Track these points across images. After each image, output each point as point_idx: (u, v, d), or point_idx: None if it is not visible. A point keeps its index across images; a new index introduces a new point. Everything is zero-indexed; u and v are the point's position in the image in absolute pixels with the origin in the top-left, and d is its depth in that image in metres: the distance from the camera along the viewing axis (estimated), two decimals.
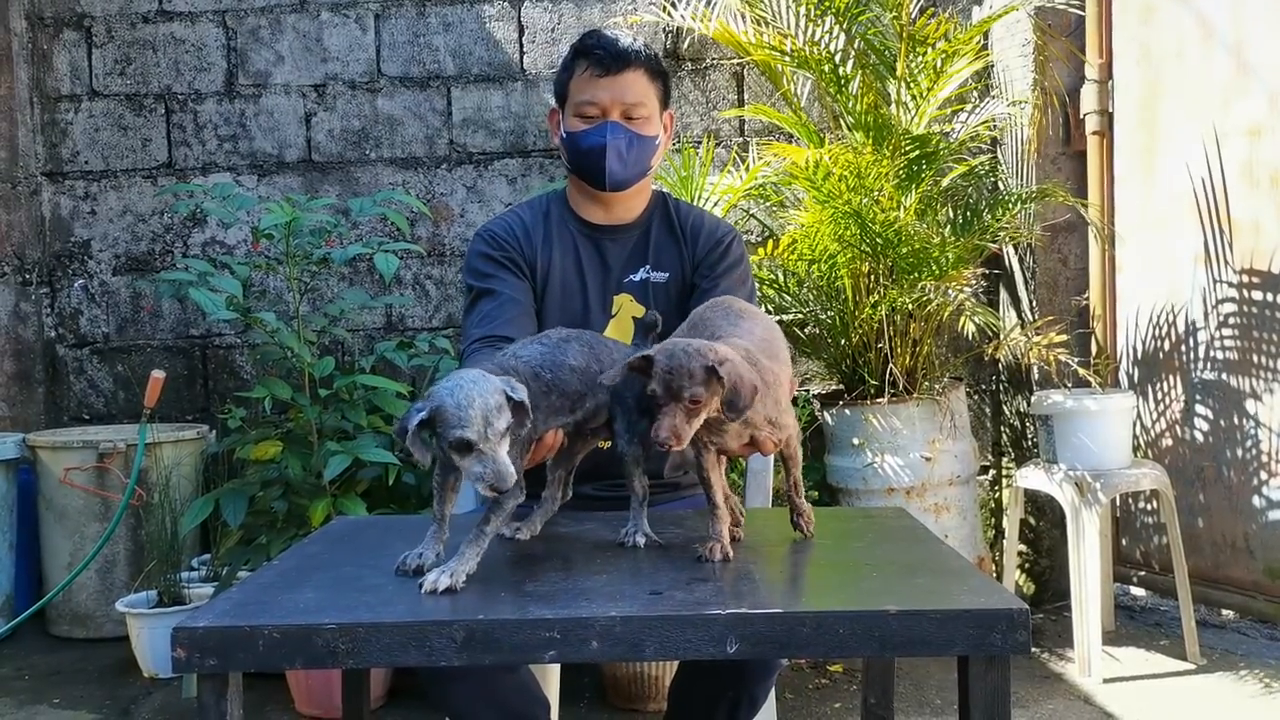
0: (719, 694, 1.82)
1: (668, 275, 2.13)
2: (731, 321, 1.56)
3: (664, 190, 2.24)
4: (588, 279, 2.11)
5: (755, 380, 1.41)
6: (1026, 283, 3.83)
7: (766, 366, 1.49)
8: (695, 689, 1.88)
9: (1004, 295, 3.93)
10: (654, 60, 2.08)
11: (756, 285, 2.21)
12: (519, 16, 4.08)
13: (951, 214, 3.54)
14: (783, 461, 1.58)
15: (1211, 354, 3.43)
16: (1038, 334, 3.43)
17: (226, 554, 3.15)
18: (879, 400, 3.36)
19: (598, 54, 2.03)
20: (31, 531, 3.77)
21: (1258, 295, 3.30)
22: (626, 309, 2.09)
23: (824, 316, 3.51)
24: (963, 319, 3.27)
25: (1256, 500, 3.32)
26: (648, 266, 2.13)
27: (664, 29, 4.01)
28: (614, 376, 1.47)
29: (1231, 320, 3.38)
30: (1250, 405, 3.32)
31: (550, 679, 2.17)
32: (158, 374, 3.52)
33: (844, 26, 3.43)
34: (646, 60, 2.06)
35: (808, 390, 3.81)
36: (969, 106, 3.58)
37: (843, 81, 3.46)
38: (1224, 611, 3.53)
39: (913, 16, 3.33)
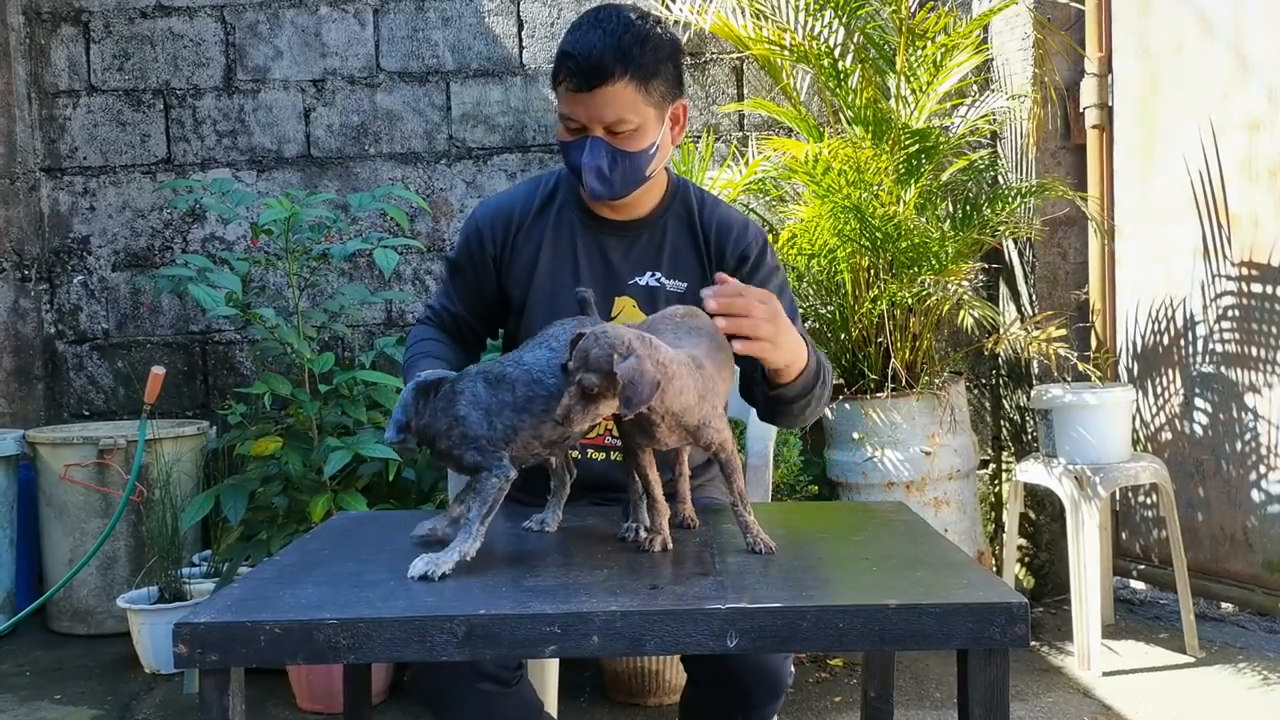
0: (725, 715, 1.79)
1: (686, 285, 1.94)
2: (678, 334, 1.56)
3: (689, 182, 2.06)
4: (583, 277, 1.95)
5: (657, 376, 1.39)
6: (1026, 277, 3.83)
7: (710, 373, 1.50)
8: (702, 708, 1.86)
9: (1004, 289, 3.94)
10: (645, 60, 1.80)
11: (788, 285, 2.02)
12: (518, 11, 4.08)
13: (951, 208, 3.55)
14: (721, 471, 1.56)
15: (1210, 347, 3.44)
16: (1037, 328, 3.44)
17: (227, 550, 3.16)
18: (879, 395, 3.36)
19: (571, 65, 1.80)
20: (32, 528, 3.77)
21: (1256, 289, 3.31)
22: (628, 314, 1.93)
23: (824, 311, 3.52)
24: (962, 313, 3.28)
25: (1255, 494, 3.33)
26: (659, 273, 1.95)
27: None
28: (566, 356, 1.46)
29: (1230, 314, 3.38)
30: (1249, 399, 3.33)
31: (548, 674, 2.17)
32: (158, 370, 3.52)
33: (843, 20, 3.43)
34: (631, 66, 1.79)
35: None
36: (968, 101, 3.58)
37: (842, 76, 3.46)
38: (1223, 605, 3.54)
39: (912, 10, 3.33)
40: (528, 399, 1.50)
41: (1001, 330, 3.59)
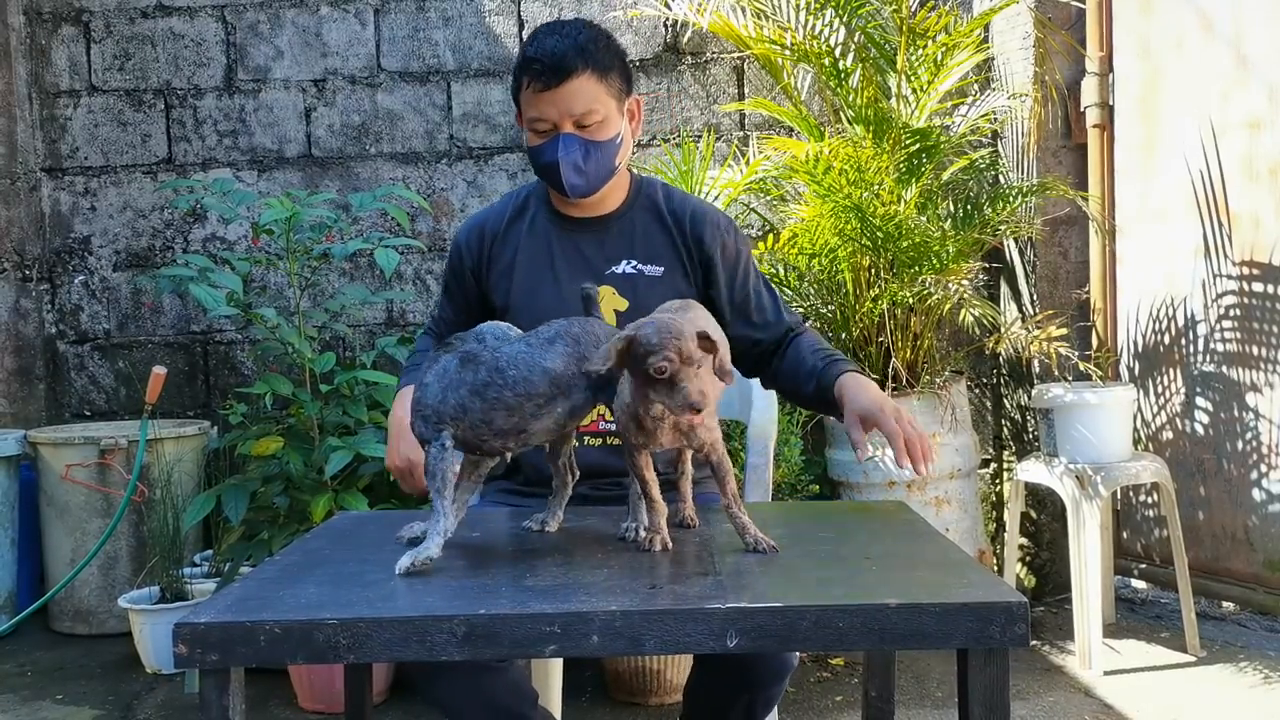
0: (733, 696, 1.83)
1: (663, 269, 2.06)
2: None
3: (653, 178, 2.19)
4: (560, 272, 2.06)
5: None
6: (1027, 276, 3.83)
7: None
8: (709, 691, 1.90)
9: (1004, 289, 3.93)
10: (601, 56, 1.96)
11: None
12: (519, 10, 4.08)
13: (952, 208, 3.54)
14: (714, 473, 1.56)
15: (1211, 346, 3.43)
16: (1038, 327, 3.43)
17: (228, 550, 3.16)
18: None
19: (536, 67, 1.93)
20: (33, 528, 3.77)
21: (1257, 288, 3.31)
22: (609, 301, 2.05)
23: (825, 310, 3.52)
24: (963, 313, 3.28)
25: (1256, 493, 3.33)
26: (634, 260, 2.06)
27: (664, 23, 4.01)
28: (603, 363, 1.44)
29: (1231, 313, 3.38)
30: (1250, 398, 3.33)
31: (552, 674, 2.17)
32: (159, 370, 3.52)
33: (844, 20, 3.42)
34: (591, 60, 1.94)
35: None
36: (969, 100, 3.58)
37: (843, 75, 3.46)
38: (1224, 604, 3.54)
39: (913, 9, 3.33)
40: (484, 384, 1.52)
41: (1002, 329, 3.59)
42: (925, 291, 3.25)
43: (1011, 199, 3.48)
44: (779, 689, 1.85)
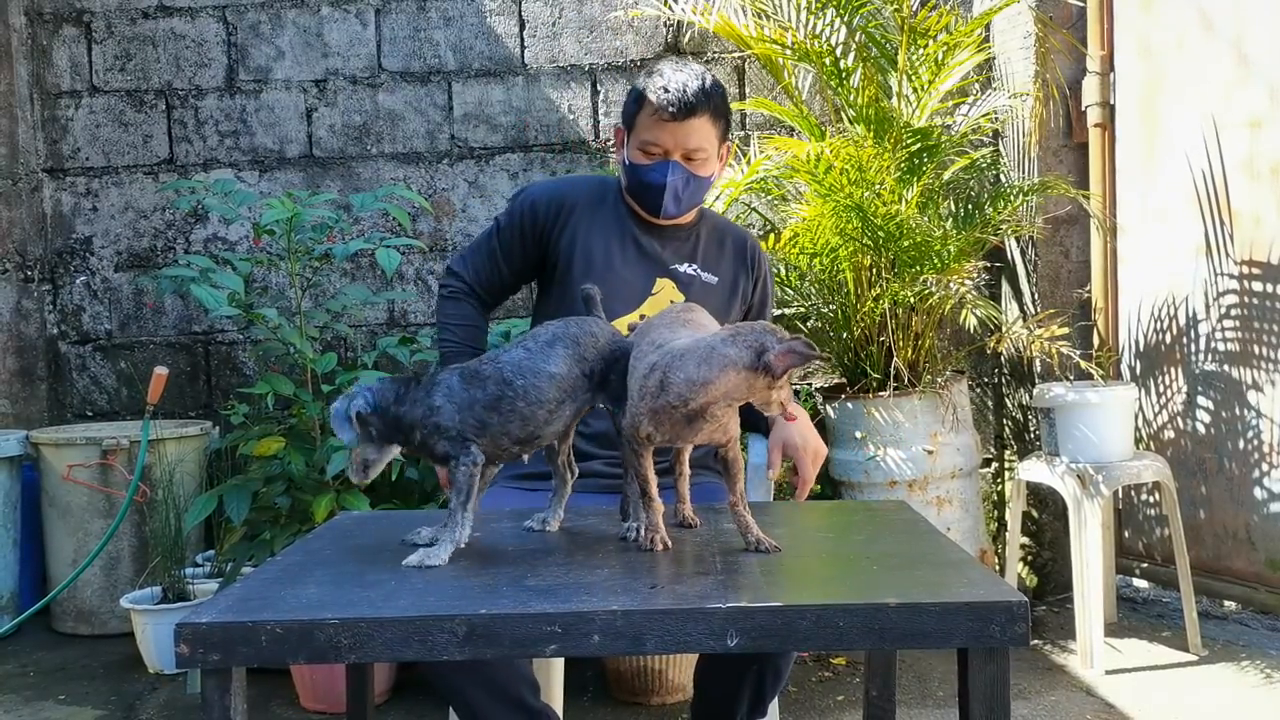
0: (744, 669, 1.87)
1: (717, 280, 2.29)
2: (674, 329, 1.56)
3: (709, 210, 2.42)
4: (630, 257, 2.25)
5: None
6: (1028, 275, 3.83)
7: None
8: (720, 668, 1.93)
9: (1006, 288, 3.93)
10: (720, 103, 2.18)
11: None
12: (520, 10, 4.08)
13: (953, 207, 3.55)
14: (726, 470, 1.56)
15: (1213, 345, 3.43)
16: (1040, 327, 3.43)
17: (230, 550, 3.16)
18: (881, 393, 3.36)
19: (668, 99, 2.13)
20: (35, 529, 3.78)
21: (1258, 287, 3.30)
22: (667, 293, 2.24)
23: (826, 310, 3.52)
24: (964, 312, 3.28)
25: (1258, 491, 3.32)
26: (695, 265, 2.28)
27: (664, 22, 4.01)
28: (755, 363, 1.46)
29: (1232, 312, 3.38)
30: (1251, 396, 3.33)
31: (554, 673, 2.18)
32: (160, 370, 3.52)
33: (845, 19, 3.42)
34: (714, 105, 2.16)
35: (810, 384, 3.81)
36: (970, 99, 3.58)
37: (844, 75, 3.46)
38: (1226, 603, 3.54)
39: (914, 9, 3.33)
40: (496, 398, 1.54)
41: (1004, 329, 3.59)
42: (926, 291, 3.25)
43: (1012, 198, 3.48)
44: (788, 660, 1.91)
